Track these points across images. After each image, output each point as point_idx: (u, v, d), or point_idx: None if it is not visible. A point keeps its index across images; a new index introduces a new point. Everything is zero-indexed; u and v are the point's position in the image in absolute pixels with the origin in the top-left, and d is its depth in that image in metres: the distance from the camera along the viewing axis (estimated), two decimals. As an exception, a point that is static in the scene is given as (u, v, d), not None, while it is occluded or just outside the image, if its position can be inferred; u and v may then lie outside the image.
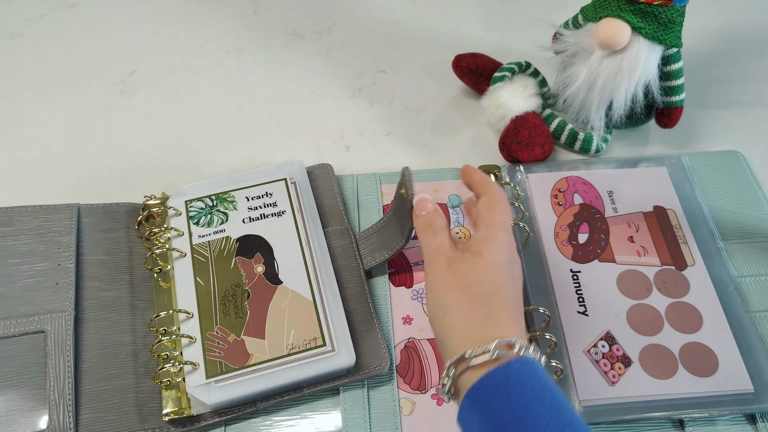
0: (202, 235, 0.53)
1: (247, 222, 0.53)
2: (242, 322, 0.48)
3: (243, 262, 0.51)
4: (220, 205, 0.54)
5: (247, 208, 0.54)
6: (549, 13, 0.71)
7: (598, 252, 0.53)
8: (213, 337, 0.47)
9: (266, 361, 0.46)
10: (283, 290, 0.50)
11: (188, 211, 0.54)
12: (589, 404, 0.46)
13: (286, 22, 0.75)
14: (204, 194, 0.55)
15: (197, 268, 0.51)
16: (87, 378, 0.47)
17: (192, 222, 0.53)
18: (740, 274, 0.53)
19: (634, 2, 0.52)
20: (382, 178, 0.59)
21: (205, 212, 0.54)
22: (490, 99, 0.61)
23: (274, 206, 0.54)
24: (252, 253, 0.52)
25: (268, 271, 0.51)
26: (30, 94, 0.67)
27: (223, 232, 0.53)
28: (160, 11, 0.76)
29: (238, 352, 0.47)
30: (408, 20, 0.75)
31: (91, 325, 0.50)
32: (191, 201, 0.54)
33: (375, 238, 0.54)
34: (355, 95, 0.68)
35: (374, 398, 0.47)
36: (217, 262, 0.51)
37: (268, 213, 0.54)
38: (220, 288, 0.50)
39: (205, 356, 0.46)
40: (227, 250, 0.52)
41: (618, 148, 0.63)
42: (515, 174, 0.59)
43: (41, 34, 0.73)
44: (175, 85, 0.68)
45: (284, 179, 0.56)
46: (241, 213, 0.54)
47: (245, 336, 0.47)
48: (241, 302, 0.49)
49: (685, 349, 0.48)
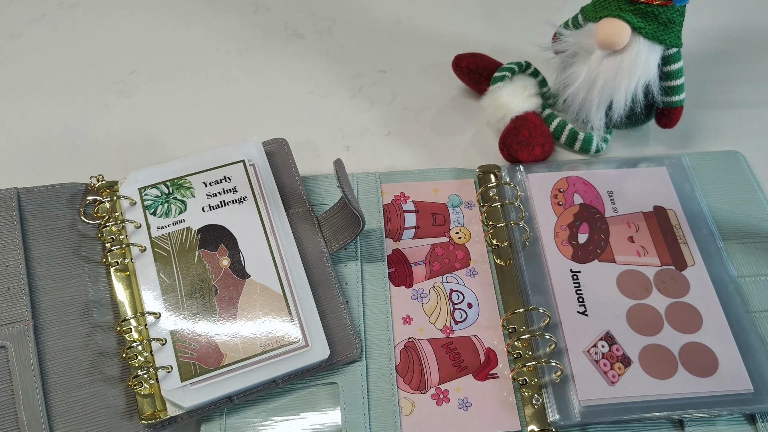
0: (161, 227, 0.49)
1: (207, 210, 0.50)
2: (212, 320, 0.47)
3: (207, 255, 0.48)
4: (177, 193, 0.50)
5: (206, 194, 0.51)
6: (549, 13, 0.71)
7: (598, 252, 0.53)
8: (183, 337, 0.46)
9: (240, 361, 0.45)
10: (251, 284, 0.48)
11: (143, 199, 0.50)
12: (589, 404, 0.46)
13: (286, 22, 0.75)
14: (158, 180, 0.51)
15: (159, 263, 0.48)
16: (56, 391, 0.44)
17: (149, 212, 0.50)
18: (740, 274, 0.53)
19: (634, 2, 0.52)
20: (382, 177, 0.59)
21: (161, 201, 0.50)
22: (490, 99, 0.61)
23: (234, 192, 0.51)
24: (215, 245, 0.49)
25: (234, 265, 0.48)
26: (30, 94, 0.67)
27: (183, 223, 0.49)
28: (160, 11, 0.76)
29: (211, 352, 0.45)
30: (408, 20, 0.75)
31: (52, 331, 0.46)
32: (145, 188, 0.50)
33: (337, 219, 0.52)
34: (355, 95, 0.68)
35: (374, 398, 0.47)
36: (180, 255, 0.48)
37: (228, 200, 0.51)
38: (185, 284, 0.47)
39: (178, 358, 0.45)
40: (189, 243, 0.49)
41: (618, 148, 0.63)
42: (515, 174, 0.59)
43: (41, 34, 0.73)
44: (175, 85, 0.68)
45: (242, 161, 0.53)
46: (199, 200, 0.50)
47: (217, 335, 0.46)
48: (209, 299, 0.47)
49: (685, 349, 0.48)
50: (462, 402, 0.47)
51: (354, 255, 0.54)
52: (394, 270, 0.54)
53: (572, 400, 0.46)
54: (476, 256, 0.55)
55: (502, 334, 0.50)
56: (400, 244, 0.55)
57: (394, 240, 0.55)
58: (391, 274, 0.54)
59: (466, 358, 0.49)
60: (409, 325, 0.51)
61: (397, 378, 0.48)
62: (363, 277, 0.53)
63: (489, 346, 0.50)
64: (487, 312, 0.52)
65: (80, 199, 0.51)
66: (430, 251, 0.55)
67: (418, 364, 0.49)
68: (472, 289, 0.53)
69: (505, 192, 0.57)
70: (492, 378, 0.48)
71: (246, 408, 0.47)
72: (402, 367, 0.49)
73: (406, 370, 0.49)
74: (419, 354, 0.50)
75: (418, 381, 0.48)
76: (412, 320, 0.51)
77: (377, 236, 0.55)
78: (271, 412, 0.47)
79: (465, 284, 0.53)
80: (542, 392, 0.47)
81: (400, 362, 0.49)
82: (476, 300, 0.52)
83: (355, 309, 0.51)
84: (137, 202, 0.50)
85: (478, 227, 0.56)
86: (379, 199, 0.58)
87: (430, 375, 0.49)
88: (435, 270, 0.54)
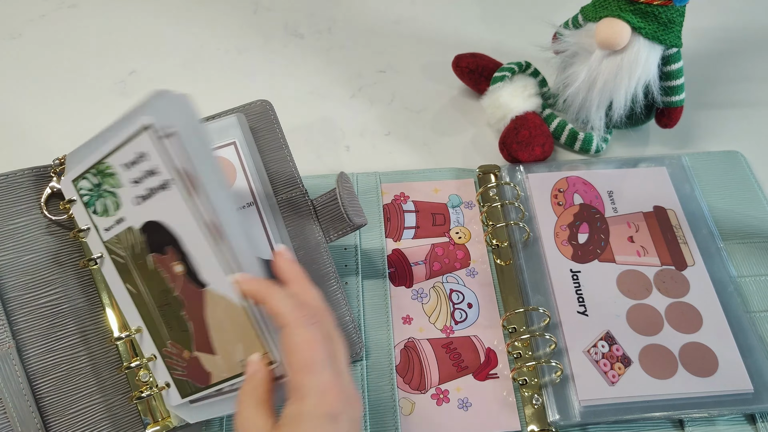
0: (107, 228, 0.40)
1: (139, 203, 0.39)
2: (187, 336, 0.40)
3: (160, 261, 0.39)
4: (105, 182, 0.40)
5: (129, 181, 0.39)
6: (549, 13, 0.71)
7: (598, 252, 0.53)
8: (169, 353, 0.41)
9: (228, 380, 0.39)
10: (212, 296, 0.38)
11: (81, 195, 0.41)
12: (589, 404, 0.46)
13: (286, 22, 0.75)
14: (83, 168, 0.41)
15: (121, 272, 0.41)
16: (52, 411, 0.41)
17: (90, 211, 0.41)
18: (740, 274, 0.53)
19: (634, 2, 0.52)
20: (382, 177, 0.59)
21: (95, 194, 0.41)
22: (490, 99, 0.61)
23: (154, 174, 0.38)
24: (162, 247, 0.39)
25: (189, 271, 0.39)
26: (30, 94, 0.67)
27: (124, 221, 0.40)
28: (160, 11, 0.76)
29: (197, 370, 0.40)
30: (408, 20, 0.75)
31: (38, 346, 0.41)
32: (77, 180, 0.41)
33: (336, 204, 0.46)
34: (355, 95, 0.68)
35: (374, 398, 0.47)
36: (135, 261, 0.40)
37: (152, 186, 0.38)
38: (153, 295, 0.40)
39: (172, 375, 0.41)
40: (139, 246, 0.40)
41: (618, 148, 0.63)
42: (515, 174, 0.59)
43: (41, 34, 0.73)
44: (175, 85, 0.68)
45: (147, 128, 0.38)
46: (127, 190, 0.39)
47: (198, 352, 0.40)
48: (178, 312, 0.40)
49: (685, 349, 0.48)
50: (462, 402, 0.47)
51: (354, 255, 0.54)
52: (394, 270, 0.54)
53: (572, 400, 0.46)
54: (476, 256, 0.55)
55: (502, 334, 0.50)
56: (400, 244, 0.55)
57: (394, 240, 0.55)
58: (391, 274, 0.54)
59: (466, 358, 0.49)
60: (409, 325, 0.51)
61: (397, 378, 0.48)
62: (363, 277, 0.53)
63: (489, 346, 0.50)
64: (487, 312, 0.51)
65: (42, 188, 0.43)
66: (430, 251, 0.55)
67: (418, 364, 0.49)
68: (472, 289, 0.53)
69: (505, 192, 0.57)
70: (492, 378, 0.48)
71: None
72: (402, 367, 0.49)
73: (406, 370, 0.49)
74: (419, 354, 0.50)
75: (418, 381, 0.48)
76: (412, 320, 0.51)
77: (377, 236, 0.55)
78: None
79: (465, 284, 0.53)
80: (542, 392, 0.47)
81: (400, 362, 0.49)
82: (476, 300, 0.52)
83: (355, 309, 0.51)
84: (76, 199, 0.41)
85: (478, 227, 0.56)
86: (379, 199, 0.58)
87: (430, 375, 0.49)
88: (435, 270, 0.54)
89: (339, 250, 0.54)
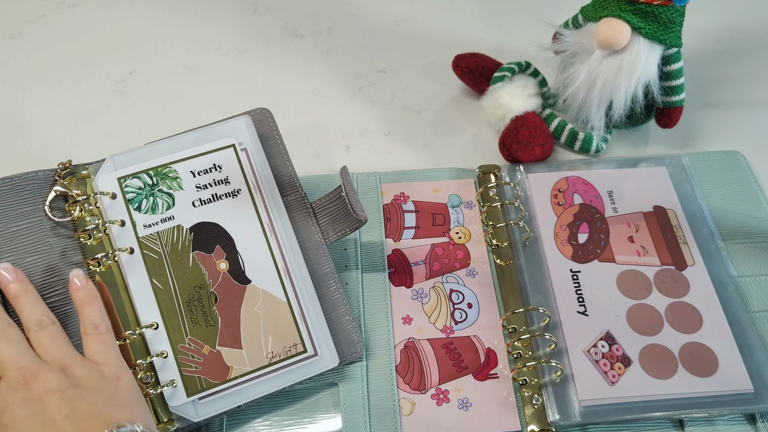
0: (148, 224, 0.43)
1: (198, 205, 0.44)
2: (215, 330, 0.43)
3: (202, 258, 0.43)
4: (162, 184, 0.44)
5: (195, 186, 0.44)
6: (549, 13, 0.71)
7: (598, 252, 0.53)
8: (185, 350, 0.42)
9: (248, 374, 0.43)
10: (253, 291, 0.43)
11: (124, 192, 0.43)
12: (589, 404, 0.46)
13: (286, 22, 0.75)
14: (138, 168, 0.44)
15: (151, 267, 0.43)
16: None
17: (132, 207, 0.43)
18: (740, 274, 0.53)
19: (634, 2, 0.52)
20: (382, 177, 0.59)
21: (145, 193, 0.44)
22: (490, 99, 0.61)
23: (227, 183, 0.45)
24: (210, 246, 0.43)
25: (233, 268, 0.43)
26: (30, 94, 0.67)
27: (172, 220, 0.43)
28: (160, 11, 0.76)
29: (216, 365, 0.42)
30: (408, 20, 0.75)
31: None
32: (125, 178, 0.44)
33: (334, 206, 0.48)
34: (355, 95, 0.68)
35: (374, 398, 0.47)
36: (173, 258, 0.43)
37: (221, 193, 0.44)
38: (182, 291, 0.43)
39: (182, 372, 0.42)
40: (181, 243, 0.43)
41: (618, 148, 0.63)
42: (515, 174, 0.59)
43: (41, 34, 0.73)
44: (175, 85, 0.68)
45: (233, 146, 0.46)
46: (188, 194, 0.44)
47: (221, 347, 0.43)
48: (209, 307, 0.43)
49: (685, 349, 0.48)
50: (462, 402, 0.47)
51: (354, 255, 0.54)
52: (394, 270, 0.54)
53: (572, 400, 0.46)
54: (476, 256, 0.55)
55: (502, 334, 0.50)
56: (400, 244, 0.55)
57: (394, 240, 0.55)
58: (391, 274, 0.54)
59: (466, 358, 0.49)
60: (409, 325, 0.51)
61: (397, 378, 0.48)
62: (363, 277, 0.53)
63: (489, 346, 0.50)
64: (487, 312, 0.52)
65: (46, 191, 0.44)
66: (430, 251, 0.55)
67: (418, 364, 0.49)
68: (472, 289, 0.53)
69: (505, 192, 0.57)
70: (492, 378, 0.48)
71: (246, 407, 0.47)
72: (402, 367, 0.49)
73: (406, 370, 0.49)
74: (419, 354, 0.50)
75: (418, 381, 0.48)
76: (412, 320, 0.51)
77: (377, 236, 0.55)
78: (270, 412, 0.47)
79: (465, 284, 0.53)
80: (542, 392, 0.47)
81: (400, 362, 0.49)
82: (476, 300, 0.52)
83: (355, 309, 0.51)
84: (117, 195, 0.43)
85: (478, 227, 0.56)
86: (379, 199, 0.58)
87: (430, 375, 0.49)
88: (435, 270, 0.54)
89: (339, 251, 0.54)
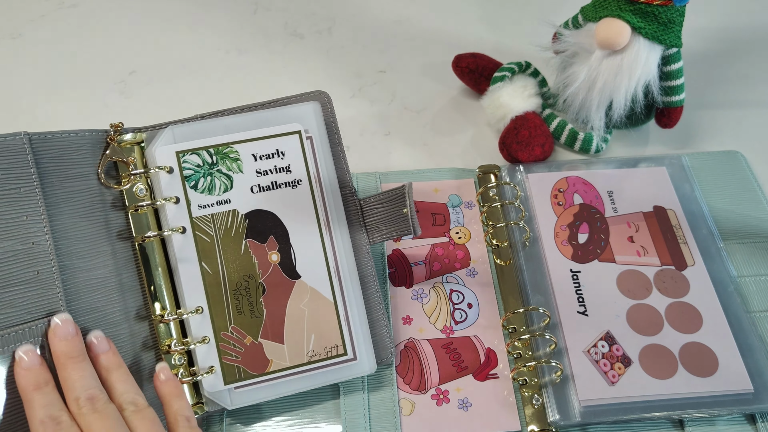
0: (203, 205, 0.41)
1: (256, 192, 0.42)
2: (259, 322, 0.42)
3: (255, 247, 0.41)
4: (222, 164, 0.42)
5: (255, 171, 0.42)
6: (549, 13, 0.71)
7: (598, 252, 0.53)
8: (227, 338, 0.41)
9: (286, 369, 0.42)
10: (301, 287, 0.42)
11: (182, 168, 0.41)
12: (589, 404, 0.46)
13: (286, 22, 0.75)
14: (199, 145, 0.41)
15: (201, 250, 0.41)
16: None
17: (188, 185, 0.41)
18: (740, 274, 0.53)
19: (634, 2, 0.52)
20: (382, 177, 0.59)
21: (203, 172, 0.41)
22: (490, 99, 0.61)
23: (288, 172, 0.42)
24: (264, 235, 0.42)
25: (285, 261, 0.42)
26: (30, 94, 0.67)
27: (228, 204, 0.41)
28: (159, 11, 0.76)
29: (256, 357, 0.41)
30: (408, 20, 0.75)
31: (80, 320, 0.39)
32: (184, 153, 0.41)
33: (384, 208, 0.46)
34: (355, 95, 0.68)
35: (374, 399, 0.47)
36: (224, 243, 0.41)
37: (281, 181, 0.42)
38: (230, 278, 0.41)
39: (222, 360, 0.41)
40: (235, 229, 0.41)
41: (618, 148, 0.63)
42: (515, 174, 0.59)
43: (41, 34, 0.73)
44: (175, 85, 0.68)
45: (299, 132, 0.43)
46: (248, 177, 0.42)
47: (263, 339, 0.42)
48: (255, 298, 0.41)
49: (685, 349, 0.48)
50: (462, 402, 0.47)
51: (354, 255, 0.54)
52: (394, 270, 0.54)
53: (572, 400, 0.46)
54: (476, 256, 0.55)
55: (502, 334, 0.50)
56: (400, 244, 0.55)
57: (394, 240, 0.55)
58: (391, 274, 0.54)
59: (466, 358, 0.49)
60: (409, 325, 0.51)
61: (397, 378, 0.48)
62: (363, 277, 0.53)
63: (489, 346, 0.50)
64: (487, 312, 0.52)
65: (100, 153, 0.41)
66: (430, 251, 0.55)
67: (418, 365, 0.49)
68: (472, 289, 0.53)
69: (505, 192, 0.57)
70: (492, 378, 0.48)
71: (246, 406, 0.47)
72: (402, 368, 0.49)
73: (406, 371, 0.49)
74: (419, 354, 0.50)
75: (418, 381, 0.48)
76: (412, 320, 0.51)
77: (377, 236, 0.55)
78: (270, 412, 0.47)
79: (465, 284, 0.53)
80: (542, 392, 0.47)
81: (400, 362, 0.49)
82: (476, 300, 0.52)
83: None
84: (175, 170, 0.41)
85: (478, 227, 0.56)
86: (379, 199, 0.58)
87: (430, 375, 0.49)
88: (435, 270, 0.54)
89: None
